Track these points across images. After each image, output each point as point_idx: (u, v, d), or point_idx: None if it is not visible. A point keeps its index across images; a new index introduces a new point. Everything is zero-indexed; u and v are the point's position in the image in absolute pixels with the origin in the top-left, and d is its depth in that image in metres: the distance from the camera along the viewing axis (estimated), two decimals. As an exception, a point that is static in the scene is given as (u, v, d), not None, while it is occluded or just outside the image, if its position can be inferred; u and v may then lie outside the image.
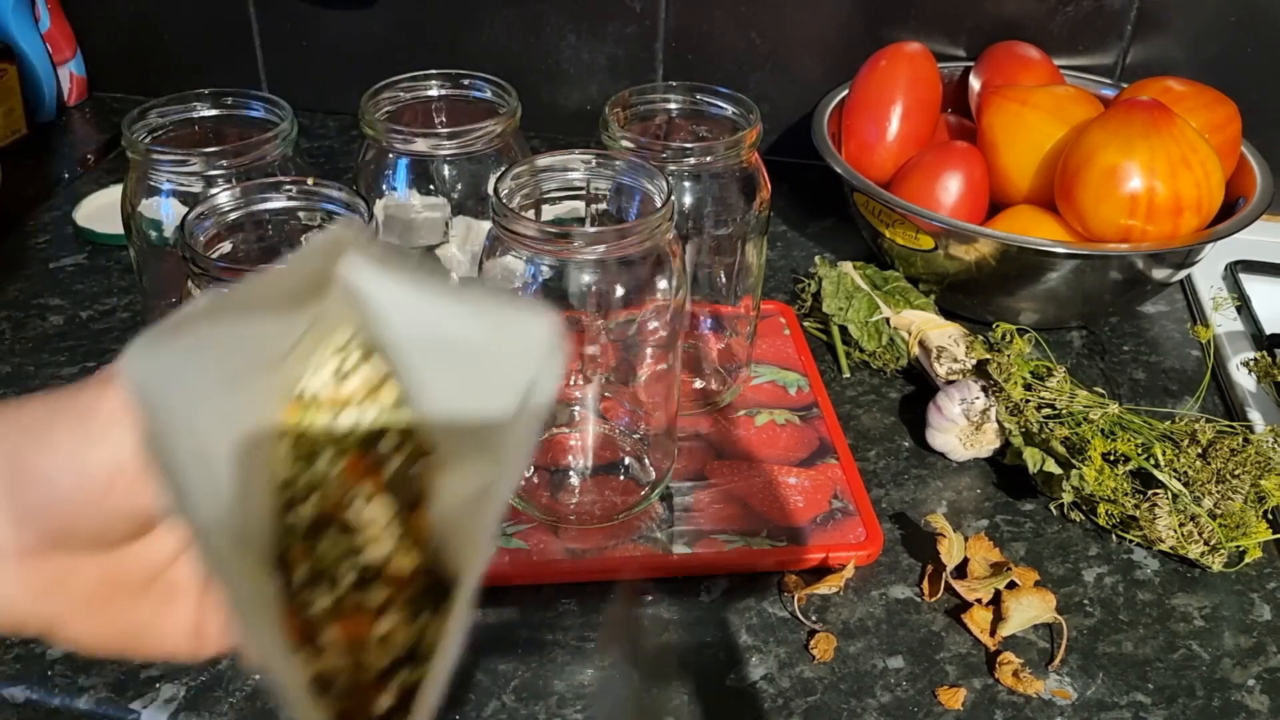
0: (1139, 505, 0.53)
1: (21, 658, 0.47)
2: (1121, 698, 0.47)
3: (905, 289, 0.69)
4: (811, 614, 0.51)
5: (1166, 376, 0.68)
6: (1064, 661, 0.49)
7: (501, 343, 0.27)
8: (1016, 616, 0.49)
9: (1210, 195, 0.64)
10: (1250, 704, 0.47)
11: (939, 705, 0.47)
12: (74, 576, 0.33)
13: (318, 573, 0.31)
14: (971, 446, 0.59)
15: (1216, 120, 0.69)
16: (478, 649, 0.48)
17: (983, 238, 0.64)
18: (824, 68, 0.85)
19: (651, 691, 0.46)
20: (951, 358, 0.62)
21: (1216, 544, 0.52)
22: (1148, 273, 0.66)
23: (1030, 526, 0.56)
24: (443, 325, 0.29)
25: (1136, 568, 0.54)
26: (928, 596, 0.52)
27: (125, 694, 0.46)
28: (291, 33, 0.92)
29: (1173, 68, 0.81)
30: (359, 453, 0.32)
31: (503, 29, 0.87)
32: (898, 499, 0.58)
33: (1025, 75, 0.75)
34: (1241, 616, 0.52)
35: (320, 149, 0.91)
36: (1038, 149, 0.69)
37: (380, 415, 0.33)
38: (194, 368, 0.27)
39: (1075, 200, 0.65)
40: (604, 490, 0.55)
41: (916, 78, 0.74)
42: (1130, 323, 0.73)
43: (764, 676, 0.48)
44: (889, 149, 0.73)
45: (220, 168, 0.54)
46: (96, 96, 0.98)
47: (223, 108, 0.60)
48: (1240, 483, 0.53)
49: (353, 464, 0.32)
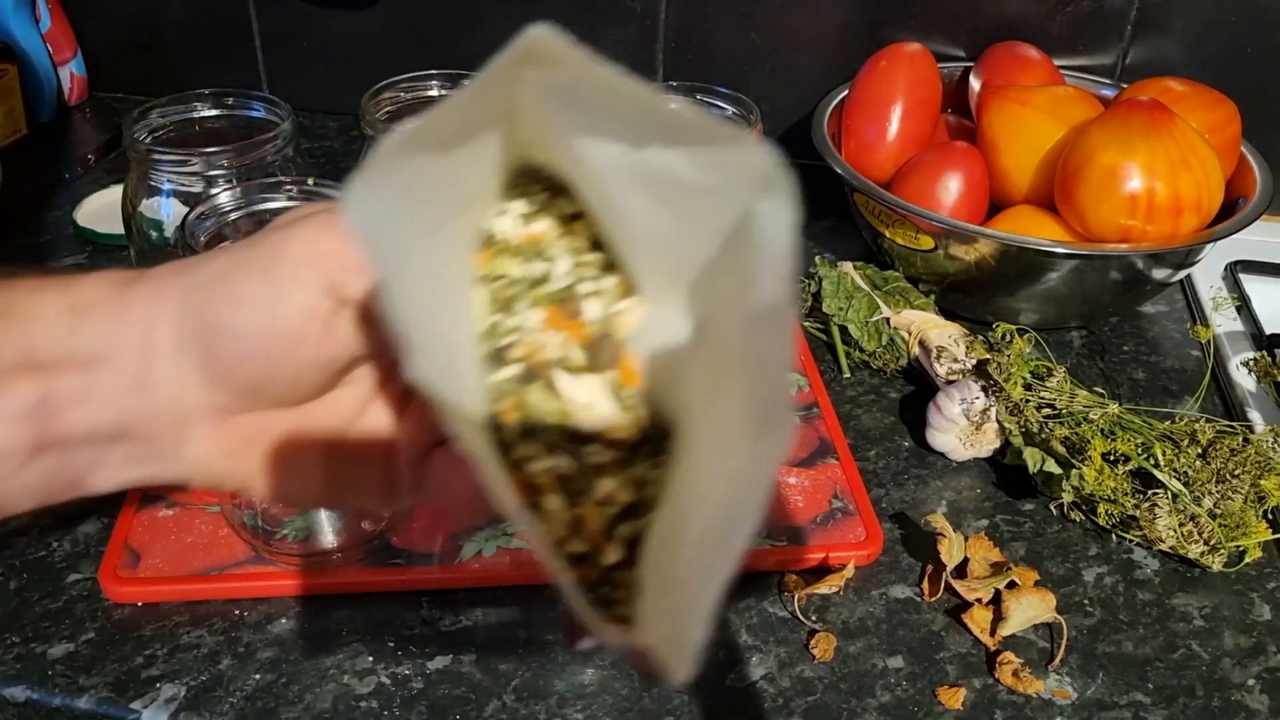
0: (1139, 505, 0.53)
1: (22, 657, 0.47)
2: (1121, 697, 0.47)
3: (905, 289, 0.69)
4: (811, 614, 0.51)
5: (1166, 376, 0.68)
6: (1064, 661, 0.49)
7: (710, 170, 0.25)
8: (1016, 616, 0.49)
9: (1210, 195, 0.64)
10: (1250, 704, 0.48)
11: (939, 705, 0.47)
12: (267, 434, 0.32)
13: (529, 429, 0.30)
14: (971, 446, 0.59)
15: (1216, 120, 0.69)
16: (477, 649, 0.48)
17: (983, 238, 0.64)
18: (824, 68, 0.85)
19: (651, 692, 0.46)
20: (951, 358, 0.62)
21: (1216, 544, 0.52)
22: (1148, 273, 0.66)
23: (1030, 526, 0.56)
24: (642, 149, 0.26)
25: (1136, 567, 0.54)
26: (928, 596, 0.52)
27: (125, 694, 0.46)
28: (292, 33, 0.92)
29: (1172, 68, 0.81)
30: (557, 301, 0.31)
31: (503, 29, 0.87)
32: (898, 499, 0.58)
33: (1025, 75, 0.75)
34: (1241, 616, 0.52)
35: (321, 149, 0.91)
36: (1037, 149, 0.69)
37: (574, 257, 0.31)
38: (402, 211, 0.26)
39: (1075, 200, 0.65)
40: (604, 490, 0.55)
41: (916, 78, 0.74)
42: (1130, 323, 0.73)
43: (764, 676, 0.48)
44: (889, 149, 0.73)
45: (221, 168, 0.54)
46: (97, 96, 0.98)
47: (223, 108, 0.60)
48: (1240, 483, 0.53)
49: (552, 315, 0.30)
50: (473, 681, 0.47)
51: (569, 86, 0.25)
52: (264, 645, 0.48)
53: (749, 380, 0.24)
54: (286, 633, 0.48)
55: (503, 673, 0.47)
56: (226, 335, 0.30)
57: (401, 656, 0.48)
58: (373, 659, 0.47)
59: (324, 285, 0.29)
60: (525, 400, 0.30)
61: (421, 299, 0.26)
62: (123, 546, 0.51)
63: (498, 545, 0.52)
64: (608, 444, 0.30)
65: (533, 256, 0.31)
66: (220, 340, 0.30)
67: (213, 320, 0.30)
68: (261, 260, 0.30)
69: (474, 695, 0.46)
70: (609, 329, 0.30)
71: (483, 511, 0.31)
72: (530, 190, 0.31)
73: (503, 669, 0.47)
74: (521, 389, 0.30)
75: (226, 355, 0.30)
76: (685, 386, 0.28)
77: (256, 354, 0.30)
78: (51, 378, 0.30)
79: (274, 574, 0.50)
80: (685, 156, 0.25)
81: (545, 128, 0.28)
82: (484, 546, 0.52)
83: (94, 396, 0.30)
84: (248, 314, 0.29)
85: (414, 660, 0.47)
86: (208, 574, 0.50)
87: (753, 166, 0.24)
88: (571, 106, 0.26)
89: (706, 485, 0.25)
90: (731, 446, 0.24)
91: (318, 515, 0.53)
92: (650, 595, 0.26)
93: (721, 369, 0.26)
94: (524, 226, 0.31)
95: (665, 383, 0.30)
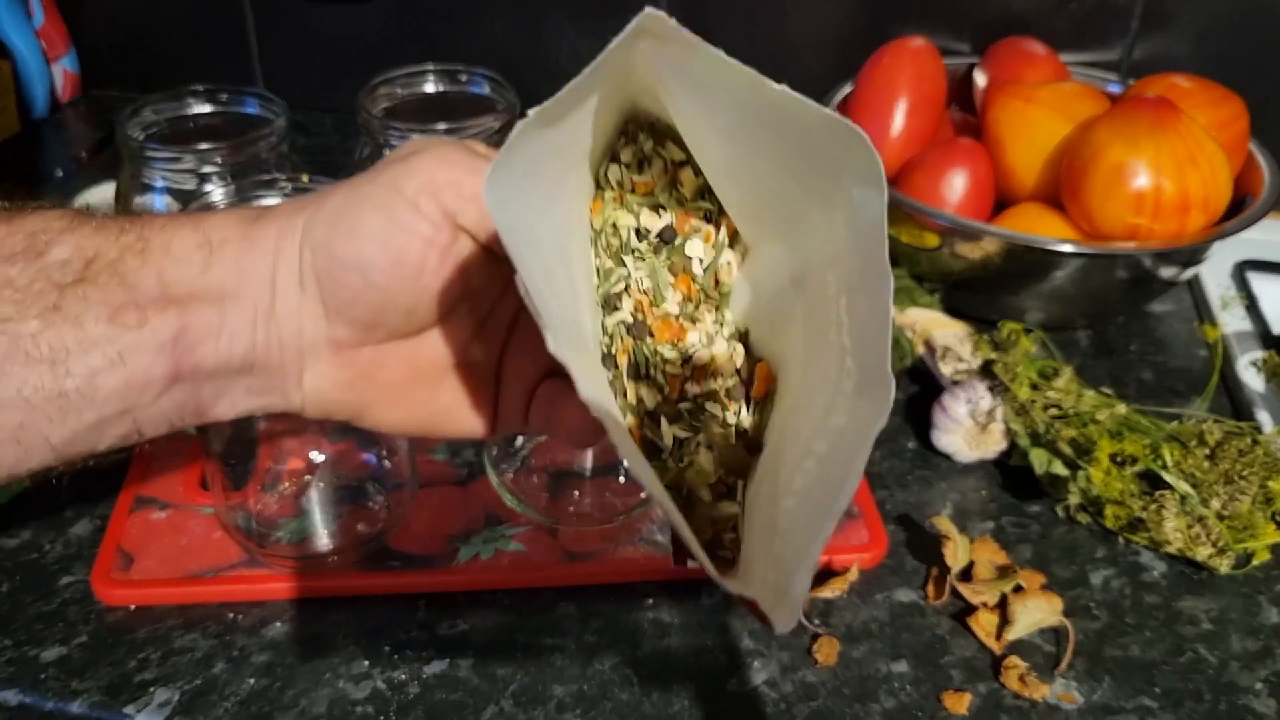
0: (1146, 507, 0.52)
1: (14, 661, 0.46)
2: (1128, 701, 0.47)
3: (910, 287, 0.68)
4: (815, 618, 0.50)
5: (1174, 376, 0.67)
6: (1070, 665, 0.48)
7: (810, 135, 0.26)
8: (1022, 620, 0.48)
9: (1217, 193, 0.63)
10: (1258, 707, 0.47)
11: (944, 710, 0.46)
12: (381, 367, 0.33)
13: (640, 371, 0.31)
14: (977, 447, 0.58)
15: (1223, 117, 0.68)
16: (474, 653, 0.47)
17: (988, 236, 0.64)
18: (827, 64, 0.84)
19: (652, 697, 0.46)
20: (957, 357, 0.61)
21: (1224, 546, 0.52)
22: (1155, 271, 0.65)
23: (1036, 529, 0.56)
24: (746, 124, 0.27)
25: (1143, 570, 0.53)
26: (932, 600, 0.51)
27: (119, 698, 0.45)
28: (287, 28, 0.92)
29: (1179, 64, 0.80)
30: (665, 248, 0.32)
31: (501, 25, 0.87)
32: (902, 501, 0.57)
33: (1030, 71, 0.74)
34: (1249, 619, 0.51)
35: (316, 145, 0.90)
36: (1043, 146, 0.68)
37: (679, 206, 0.32)
38: (531, 183, 0.27)
39: (1081, 198, 0.64)
40: (604, 492, 0.55)
41: (921, 74, 0.73)
42: (1137, 322, 0.72)
43: (766, 681, 0.47)
44: (893, 146, 0.72)
45: (215, 164, 0.53)
46: (90, 93, 0.97)
47: (217, 104, 0.59)
48: (1248, 484, 0.52)
49: (659, 263, 0.32)
50: (470, 686, 0.46)
51: (679, 60, 0.27)
52: (258, 649, 0.47)
53: (850, 341, 0.26)
54: (281, 637, 0.48)
55: (500, 678, 0.46)
56: (348, 267, 0.31)
57: (398, 661, 0.47)
58: (368, 663, 0.47)
59: (442, 215, 0.30)
60: (636, 342, 0.31)
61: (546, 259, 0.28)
62: (115, 549, 0.50)
63: (495, 548, 0.51)
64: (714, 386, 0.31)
65: (641, 204, 0.32)
66: (342, 272, 0.31)
67: (335, 253, 0.31)
68: (381, 193, 0.30)
69: (471, 700, 0.45)
70: (714, 275, 0.32)
71: (590, 440, 0.33)
72: (639, 138, 0.33)
73: (500, 674, 0.47)
74: (632, 332, 0.32)
75: (347, 287, 0.31)
76: (786, 337, 0.30)
77: (376, 284, 0.31)
78: (187, 312, 0.31)
79: (269, 577, 0.49)
80: (784, 133, 0.27)
81: (657, 88, 0.29)
82: (481, 549, 0.51)
83: (225, 330, 0.31)
84: (369, 245, 0.30)
85: (410, 665, 0.47)
86: (201, 577, 0.49)
87: (848, 150, 0.25)
88: (680, 77, 0.28)
89: (809, 439, 0.26)
90: (834, 403, 0.26)
91: (313, 517, 0.52)
92: (753, 542, 0.27)
93: (820, 323, 0.27)
94: (634, 175, 0.32)
95: (768, 331, 0.31)
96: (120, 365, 0.30)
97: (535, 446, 0.56)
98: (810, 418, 0.27)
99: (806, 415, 0.27)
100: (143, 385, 0.30)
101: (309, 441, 0.52)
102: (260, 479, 0.52)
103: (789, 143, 0.27)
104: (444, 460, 0.56)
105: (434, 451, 0.57)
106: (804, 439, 0.27)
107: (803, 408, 0.28)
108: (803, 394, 0.28)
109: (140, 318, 0.30)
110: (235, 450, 0.50)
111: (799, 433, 0.27)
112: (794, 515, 0.25)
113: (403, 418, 0.34)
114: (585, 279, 0.32)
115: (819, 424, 0.26)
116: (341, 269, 0.31)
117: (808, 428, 0.27)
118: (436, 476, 0.55)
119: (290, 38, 0.92)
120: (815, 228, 0.28)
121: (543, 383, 0.34)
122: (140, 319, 0.30)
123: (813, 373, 0.28)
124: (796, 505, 0.25)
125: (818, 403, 0.27)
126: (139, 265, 0.30)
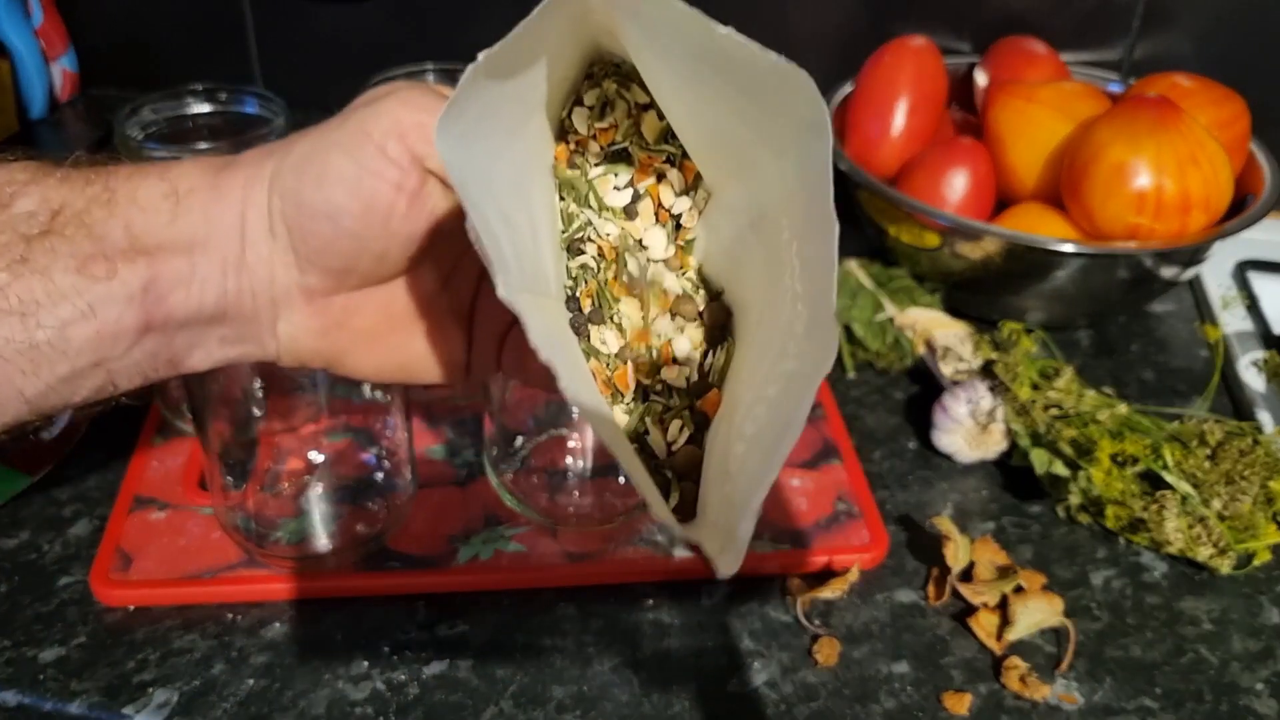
0: (1147, 507, 0.52)
1: (12, 661, 0.46)
2: (1129, 702, 0.47)
3: (910, 287, 0.68)
4: (815, 618, 0.50)
5: (1175, 376, 0.67)
6: (1071, 666, 0.48)
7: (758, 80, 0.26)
8: (1023, 621, 0.48)
9: (1219, 192, 0.63)
10: (1259, 708, 0.47)
11: (944, 711, 0.46)
12: (354, 314, 0.33)
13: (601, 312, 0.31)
14: (978, 448, 0.58)
15: (1224, 117, 0.68)
16: (474, 654, 0.47)
17: (989, 235, 0.63)
18: (827, 63, 0.84)
19: (651, 697, 0.46)
20: (957, 357, 0.61)
21: (1225, 546, 0.51)
22: (1156, 271, 0.65)
23: (1037, 529, 0.56)
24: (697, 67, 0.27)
25: (1144, 571, 0.53)
26: (933, 600, 0.51)
27: (118, 699, 0.45)
28: (286, 27, 0.91)
29: (1180, 63, 0.80)
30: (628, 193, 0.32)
31: (501, 24, 0.86)
32: (903, 501, 0.57)
33: (1031, 70, 0.74)
34: (1250, 620, 0.51)
35: (317, 145, 0.90)
36: (1044, 145, 0.68)
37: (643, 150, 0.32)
38: (485, 127, 0.27)
39: (1082, 197, 0.64)
40: (604, 492, 0.55)
41: (921, 73, 0.73)
42: (1138, 322, 0.72)
43: (766, 682, 0.47)
44: (894, 145, 0.72)
45: (214, 164, 0.53)
46: (89, 93, 0.97)
47: (216, 103, 0.59)
48: (1249, 484, 0.52)
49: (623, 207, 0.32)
50: (469, 687, 0.46)
51: (631, 5, 0.27)
52: (257, 650, 0.47)
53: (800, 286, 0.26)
54: (280, 637, 0.48)
55: (500, 679, 0.46)
56: (317, 215, 0.30)
57: (397, 662, 0.47)
58: (368, 664, 0.47)
59: (410, 159, 0.30)
60: (599, 284, 0.32)
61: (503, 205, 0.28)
62: (114, 549, 0.50)
63: (495, 549, 0.51)
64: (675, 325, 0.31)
65: (605, 150, 0.32)
66: (311, 220, 0.31)
67: (303, 201, 0.30)
68: (348, 138, 0.30)
69: (471, 701, 0.45)
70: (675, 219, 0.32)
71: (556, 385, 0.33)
72: (604, 82, 0.32)
73: (500, 674, 0.46)
74: (596, 274, 0.32)
75: (317, 234, 0.31)
76: (748, 281, 0.30)
77: (346, 231, 0.30)
78: (156, 261, 0.30)
79: (268, 577, 0.49)
80: (735, 78, 0.27)
81: (615, 29, 0.29)
82: (481, 550, 0.51)
83: (195, 279, 0.31)
84: (337, 192, 0.30)
85: (410, 666, 0.47)
86: (200, 577, 0.49)
87: (794, 95, 0.25)
88: (634, 18, 0.27)
89: (763, 383, 0.26)
90: (786, 348, 0.26)
91: (312, 518, 0.52)
92: (709, 488, 0.28)
93: (776, 268, 0.27)
94: (597, 119, 0.32)
95: (732, 274, 0.31)
96: (91, 317, 0.30)
97: (535, 447, 0.56)
98: (765, 362, 0.27)
99: (761, 359, 0.28)
100: (114, 336, 0.30)
101: (308, 441, 0.52)
102: (259, 479, 0.52)
103: (739, 87, 0.27)
104: (443, 460, 0.56)
105: (434, 452, 0.57)
106: (758, 383, 0.27)
107: (759, 352, 0.28)
108: (760, 337, 0.28)
109: (109, 269, 0.30)
110: (234, 450, 0.50)
111: (754, 377, 0.28)
112: (743, 460, 0.26)
113: (378, 364, 0.35)
114: (548, 221, 0.31)
115: (772, 368, 0.26)
116: (311, 216, 0.31)
117: (761, 372, 0.27)
118: (436, 477, 0.55)
119: (289, 37, 0.92)
120: (769, 172, 0.28)
121: (514, 327, 0.34)
122: (109, 270, 0.30)
123: (769, 316, 0.28)
124: (746, 451, 0.26)
125: (773, 347, 0.27)
126: (106, 216, 0.30)
